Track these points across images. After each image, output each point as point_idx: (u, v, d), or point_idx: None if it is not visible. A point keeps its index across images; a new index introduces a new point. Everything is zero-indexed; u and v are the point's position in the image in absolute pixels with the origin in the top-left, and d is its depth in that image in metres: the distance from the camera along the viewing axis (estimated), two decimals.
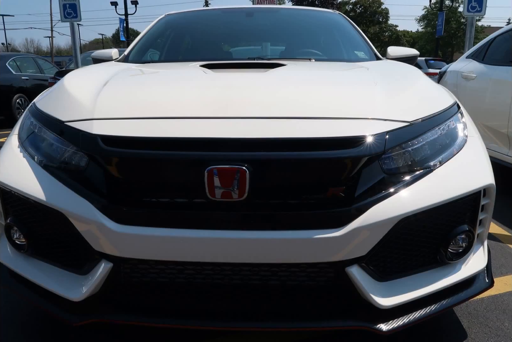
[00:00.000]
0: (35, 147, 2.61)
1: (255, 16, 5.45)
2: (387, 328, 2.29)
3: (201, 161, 2.17)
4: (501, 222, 4.89)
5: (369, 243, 2.22)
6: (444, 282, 2.44)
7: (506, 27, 6.72)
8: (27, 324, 2.99)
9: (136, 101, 2.69)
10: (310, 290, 2.34)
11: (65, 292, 2.40)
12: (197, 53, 4.86)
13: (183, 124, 2.38)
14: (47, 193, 2.37)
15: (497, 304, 3.19)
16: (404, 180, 2.30)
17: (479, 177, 2.47)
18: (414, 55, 4.58)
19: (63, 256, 2.50)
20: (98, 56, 4.79)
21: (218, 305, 2.39)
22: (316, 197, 2.23)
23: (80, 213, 2.27)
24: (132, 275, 2.36)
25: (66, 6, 15.10)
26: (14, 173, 2.55)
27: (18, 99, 14.51)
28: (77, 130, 2.43)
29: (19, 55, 16.49)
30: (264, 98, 2.62)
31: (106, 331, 2.86)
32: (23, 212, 2.54)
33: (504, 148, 5.87)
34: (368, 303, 2.28)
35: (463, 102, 3.26)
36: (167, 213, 2.25)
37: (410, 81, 3.13)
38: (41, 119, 2.70)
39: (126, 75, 3.46)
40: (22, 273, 2.58)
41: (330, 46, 4.92)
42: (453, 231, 2.41)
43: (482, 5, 14.22)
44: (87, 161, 2.35)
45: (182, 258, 2.26)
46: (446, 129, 2.56)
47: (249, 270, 2.30)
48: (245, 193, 2.15)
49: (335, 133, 2.27)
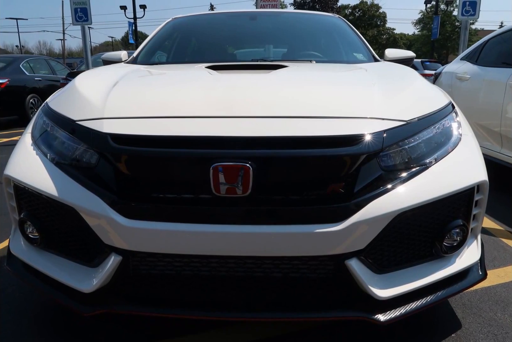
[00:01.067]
0: (47, 145, 2.61)
1: (259, 19, 5.44)
2: (385, 318, 2.29)
3: (206, 159, 2.18)
4: (494, 217, 4.89)
5: (367, 237, 2.22)
6: (439, 274, 2.44)
7: (499, 30, 6.72)
8: (40, 314, 2.99)
9: (144, 101, 2.69)
10: (311, 282, 2.34)
11: (76, 284, 2.41)
12: (203, 55, 4.85)
13: (190, 123, 2.38)
14: (59, 189, 2.38)
15: (490, 295, 3.19)
16: (401, 176, 2.30)
17: (473, 173, 2.47)
18: (411, 57, 4.58)
19: (74, 249, 2.51)
20: (108, 58, 4.79)
21: (222, 297, 2.40)
22: (316, 193, 2.23)
23: (90, 208, 2.27)
24: (141, 267, 2.36)
25: (77, 10, 15.08)
26: (27, 170, 2.55)
27: (31, 99, 14.50)
28: (88, 129, 2.43)
29: (32, 57, 16.48)
30: (267, 98, 2.62)
31: (116, 321, 2.86)
32: (36, 207, 2.55)
33: (496, 147, 5.87)
34: (367, 294, 2.28)
35: (457, 102, 3.25)
36: (174, 208, 2.25)
37: (406, 82, 3.13)
38: (54, 118, 2.71)
39: (135, 76, 3.46)
40: (35, 265, 2.59)
41: (330, 49, 4.92)
42: (448, 225, 2.41)
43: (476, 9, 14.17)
44: (98, 159, 2.35)
45: (188, 251, 2.26)
46: (441, 128, 2.56)
47: (252, 263, 2.30)
48: (249, 189, 2.15)
49: (335, 131, 2.27)
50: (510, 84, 5.47)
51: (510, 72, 5.58)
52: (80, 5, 15.03)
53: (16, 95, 13.94)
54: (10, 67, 14.46)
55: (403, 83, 3.09)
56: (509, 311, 2.99)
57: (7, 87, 13.52)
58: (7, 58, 15.48)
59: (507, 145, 5.64)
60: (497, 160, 5.84)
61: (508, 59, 6.00)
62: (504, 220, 4.83)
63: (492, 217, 4.88)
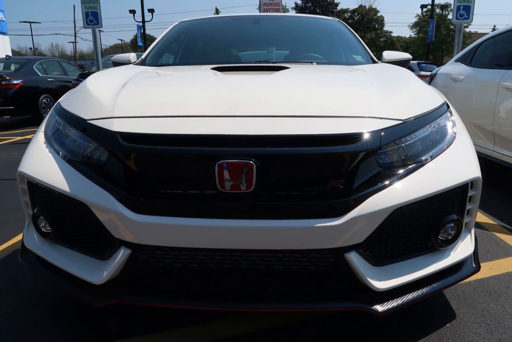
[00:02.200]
0: (59, 143, 2.61)
1: (262, 23, 5.44)
2: (383, 309, 2.30)
3: (212, 156, 2.18)
4: (487, 212, 4.88)
5: (366, 231, 2.23)
6: (435, 266, 2.44)
7: (492, 33, 6.70)
8: (52, 305, 3.00)
9: (152, 101, 2.69)
10: (312, 274, 2.34)
11: (87, 276, 2.41)
12: (208, 57, 4.85)
13: (196, 122, 2.38)
14: (71, 185, 2.38)
15: (483, 287, 3.19)
16: (398, 173, 2.30)
17: (467, 170, 2.47)
18: (407, 59, 4.58)
19: (85, 243, 2.51)
20: (118, 59, 4.80)
21: (227, 288, 2.40)
22: (317, 189, 2.23)
23: (101, 203, 2.28)
24: (149, 260, 2.36)
25: (88, 14, 15.13)
26: (40, 167, 2.56)
27: (44, 99, 14.53)
28: (98, 128, 2.43)
29: (45, 59, 16.48)
30: (270, 98, 2.61)
31: (124, 312, 2.87)
32: (48, 202, 2.55)
33: (489, 144, 5.87)
34: (365, 286, 2.29)
35: (452, 102, 3.25)
36: (180, 203, 2.25)
37: (403, 83, 3.12)
38: (66, 117, 2.71)
39: (143, 77, 3.46)
40: (48, 258, 2.60)
41: (330, 51, 4.91)
42: (443, 220, 2.41)
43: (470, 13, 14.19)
44: (108, 156, 2.35)
45: (194, 244, 2.26)
46: (436, 127, 2.56)
47: (256, 256, 2.30)
48: (252, 185, 2.16)
49: (335, 130, 2.27)
50: (502, 85, 5.47)
51: (503, 73, 5.57)
52: (91, 9, 15.12)
53: (29, 95, 14.00)
54: (24, 69, 14.53)
55: (400, 84, 3.09)
56: (502, 301, 2.99)
57: (21, 87, 13.60)
58: (21, 60, 15.56)
59: (499, 143, 5.64)
60: (490, 157, 5.84)
61: (501, 60, 6.00)
62: (497, 214, 4.82)
63: (485, 212, 4.88)
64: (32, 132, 11.89)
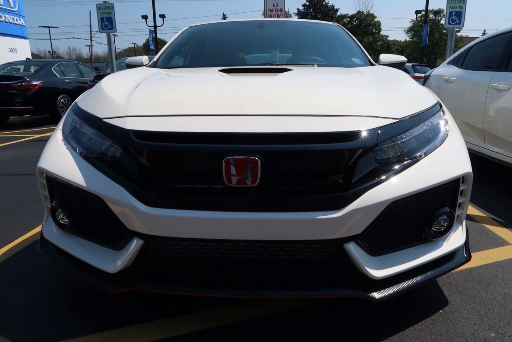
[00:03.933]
0: (76, 140, 2.62)
1: (266, 27, 5.43)
2: (379, 296, 2.31)
3: (219, 153, 2.18)
4: (477, 205, 4.88)
5: (364, 223, 2.23)
6: (428, 256, 2.44)
7: (481, 37, 6.69)
8: (69, 293, 3.00)
9: (163, 101, 2.69)
10: (313, 263, 2.34)
11: (102, 265, 2.42)
12: (216, 60, 4.83)
13: (204, 120, 2.38)
14: (87, 180, 2.39)
15: (474, 275, 3.19)
16: (394, 168, 2.30)
17: (459, 166, 2.47)
18: (403, 61, 4.57)
19: (101, 234, 2.52)
20: (131, 62, 4.80)
21: (233, 277, 2.41)
22: (318, 183, 2.23)
23: (115, 197, 2.28)
24: (160, 250, 2.36)
25: (103, 19, 15.16)
26: (58, 163, 2.56)
27: (62, 99, 14.54)
28: (113, 126, 2.44)
29: (63, 61, 16.46)
30: (274, 98, 2.61)
31: (137, 299, 2.87)
32: (66, 196, 2.55)
33: (480, 142, 5.86)
34: (363, 274, 2.29)
35: (444, 102, 3.24)
36: (190, 197, 2.25)
37: (399, 84, 3.11)
38: (82, 116, 2.71)
39: (155, 79, 3.45)
40: (65, 248, 2.61)
41: (330, 54, 4.89)
42: (436, 213, 2.42)
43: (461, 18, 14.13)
44: (122, 153, 2.36)
45: (203, 235, 2.27)
46: (430, 125, 2.56)
47: (260, 246, 2.30)
48: (257, 180, 2.16)
49: (335, 128, 2.27)
50: (492, 85, 5.46)
51: (492, 74, 5.57)
52: (106, 14, 15.17)
53: (48, 95, 14.02)
54: (43, 71, 14.55)
55: (396, 85, 3.08)
56: (491, 289, 2.99)
57: (40, 88, 13.62)
58: (40, 63, 15.57)
59: (489, 140, 5.64)
60: (480, 154, 5.85)
61: (490, 63, 6.00)
62: (486, 207, 4.82)
63: (476, 205, 4.87)
64: (50, 130, 11.91)
